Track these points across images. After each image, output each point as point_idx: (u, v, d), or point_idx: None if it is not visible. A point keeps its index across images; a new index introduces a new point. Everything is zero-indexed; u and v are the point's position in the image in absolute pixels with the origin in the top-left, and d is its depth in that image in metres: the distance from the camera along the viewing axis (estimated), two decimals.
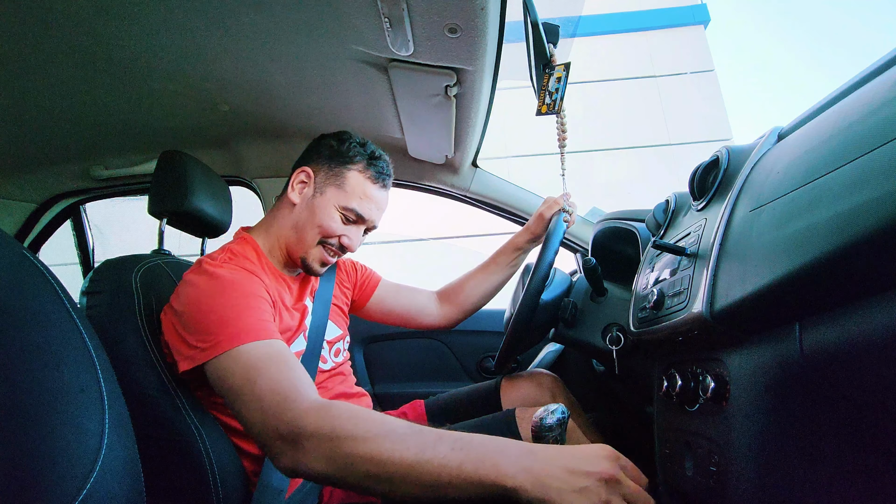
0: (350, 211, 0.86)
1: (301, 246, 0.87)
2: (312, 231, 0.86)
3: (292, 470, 0.56)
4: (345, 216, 0.87)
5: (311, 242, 0.86)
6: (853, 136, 0.39)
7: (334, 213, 0.86)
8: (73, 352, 0.54)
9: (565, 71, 0.87)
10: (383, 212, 0.93)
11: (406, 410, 1.07)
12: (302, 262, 0.88)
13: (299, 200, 0.88)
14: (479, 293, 1.13)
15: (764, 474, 0.48)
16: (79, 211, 1.65)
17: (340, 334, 0.98)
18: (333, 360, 0.93)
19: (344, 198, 0.86)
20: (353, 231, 0.88)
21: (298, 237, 0.87)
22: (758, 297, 0.45)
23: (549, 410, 0.55)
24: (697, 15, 6.87)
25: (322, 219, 0.85)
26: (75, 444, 0.46)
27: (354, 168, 0.88)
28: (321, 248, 0.87)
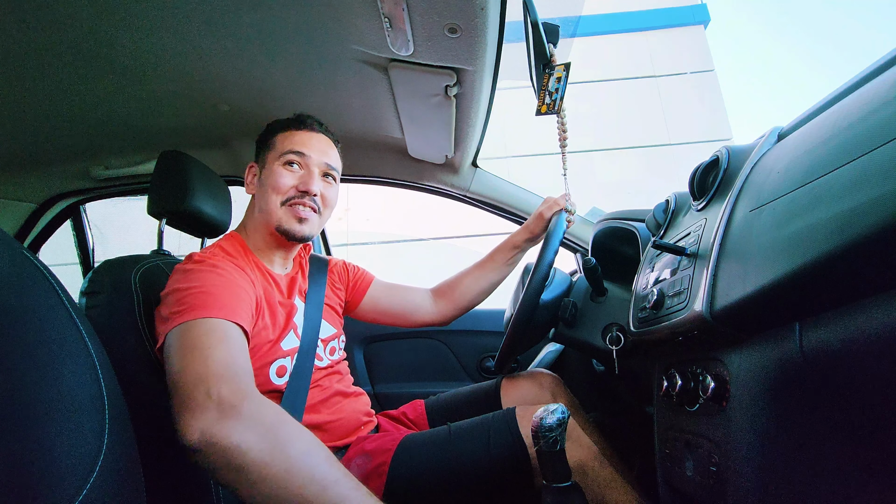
0: (286, 155, 0.89)
1: (271, 218, 0.88)
2: (270, 198, 0.88)
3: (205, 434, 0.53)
4: (285, 165, 0.89)
5: (275, 208, 0.88)
6: (853, 136, 0.39)
7: (277, 169, 0.89)
8: (73, 352, 0.54)
9: (565, 71, 0.87)
10: (326, 150, 0.94)
11: (406, 410, 1.06)
12: (279, 231, 0.88)
13: (254, 188, 0.94)
14: (476, 291, 1.13)
15: (764, 474, 0.48)
16: (79, 211, 1.65)
17: (335, 332, 0.99)
18: (329, 358, 0.94)
19: (278, 152, 0.90)
20: (305, 176, 0.89)
21: (265, 213, 0.89)
22: (758, 297, 0.45)
23: (548, 411, 0.55)
24: (697, 15, 6.87)
25: (270, 181, 0.88)
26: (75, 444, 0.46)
27: (279, 132, 0.93)
28: (286, 207, 0.88)
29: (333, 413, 0.87)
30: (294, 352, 0.85)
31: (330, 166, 0.93)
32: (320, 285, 1.00)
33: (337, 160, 0.97)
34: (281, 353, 0.82)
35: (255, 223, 0.92)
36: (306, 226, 0.89)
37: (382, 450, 0.81)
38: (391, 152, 1.38)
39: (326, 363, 0.92)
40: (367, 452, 0.82)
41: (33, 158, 1.36)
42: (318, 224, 0.93)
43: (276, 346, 0.82)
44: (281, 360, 0.82)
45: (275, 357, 0.81)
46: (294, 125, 0.93)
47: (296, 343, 0.86)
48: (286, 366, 0.83)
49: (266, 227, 0.90)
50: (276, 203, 0.88)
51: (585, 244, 1.36)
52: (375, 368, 1.59)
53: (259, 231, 0.92)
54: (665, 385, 0.65)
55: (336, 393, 0.91)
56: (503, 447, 0.76)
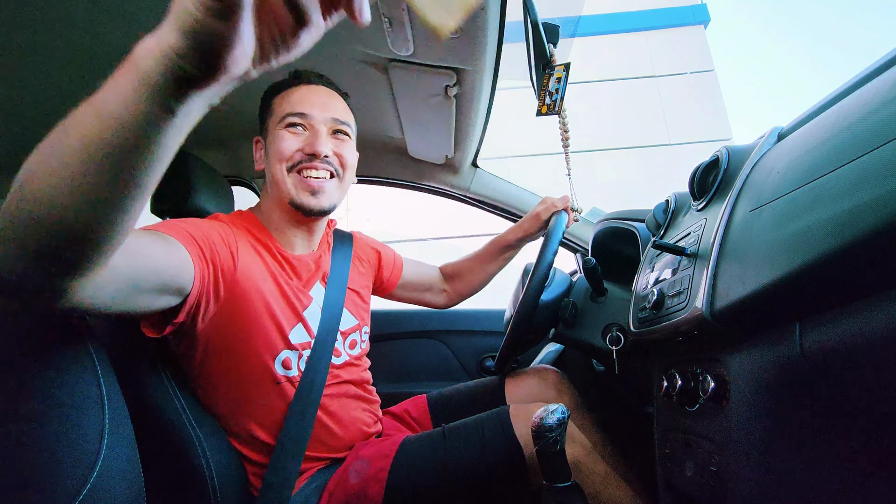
0: (287, 118, 0.80)
1: (281, 189, 0.80)
2: (276, 168, 0.80)
3: None
4: (288, 127, 0.80)
5: (283, 178, 0.79)
6: (853, 136, 0.39)
7: (278, 134, 0.80)
8: (74, 352, 0.54)
9: (565, 71, 0.87)
10: (329, 103, 0.84)
11: (408, 407, 1.06)
12: (293, 206, 0.80)
13: (263, 160, 0.85)
14: (478, 282, 1.15)
15: (764, 474, 0.48)
16: None
17: (357, 324, 0.92)
18: (348, 353, 0.88)
19: (277, 117, 0.81)
20: (310, 137, 0.80)
21: (275, 187, 0.81)
22: (758, 297, 0.45)
23: (548, 410, 0.55)
24: (697, 15, 6.87)
25: (273, 150, 0.80)
26: (76, 444, 0.46)
27: (276, 95, 0.84)
28: (294, 175, 0.80)
29: (341, 420, 0.84)
30: (305, 346, 0.80)
31: (338, 121, 0.83)
32: (344, 267, 0.92)
33: (346, 113, 0.87)
34: (289, 345, 0.78)
35: (269, 200, 0.85)
36: (323, 197, 0.81)
37: (381, 455, 0.79)
38: (391, 152, 1.38)
39: (344, 359, 0.86)
40: (366, 458, 0.80)
41: None
42: (337, 191, 0.84)
43: (283, 337, 0.77)
44: (287, 352, 0.77)
45: (281, 348, 0.77)
46: (290, 83, 0.83)
47: (306, 338, 0.81)
48: (291, 358, 0.78)
49: (279, 202, 0.82)
50: (282, 172, 0.79)
51: (585, 244, 1.36)
52: (375, 368, 1.58)
53: (274, 208, 0.83)
54: (665, 385, 0.65)
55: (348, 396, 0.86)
56: (497, 447, 0.75)
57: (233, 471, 0.75)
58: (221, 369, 0.75)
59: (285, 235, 0.84)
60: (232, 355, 0.74)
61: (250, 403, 0.76)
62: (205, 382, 0.76)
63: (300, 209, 0.80)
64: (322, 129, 0.81)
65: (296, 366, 0.78)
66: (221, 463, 0.73)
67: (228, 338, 0.73)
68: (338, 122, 0.83)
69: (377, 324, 1.57)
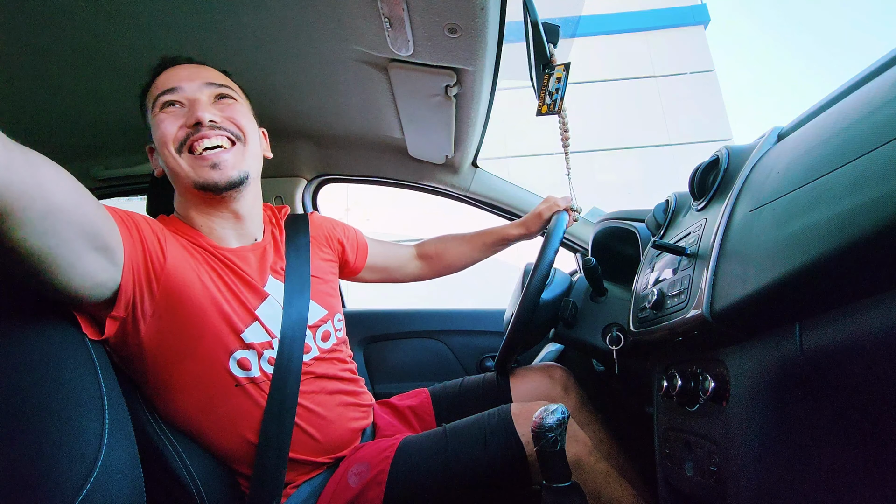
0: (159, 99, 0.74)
1: (178, 175, 0.74)
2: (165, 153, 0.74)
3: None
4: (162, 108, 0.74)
5: (176, 161, 0.73)
6: (853, 136, 0.39)
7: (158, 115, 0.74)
8: (73, 352, 0.54)
9: (565, 71, 0.87)
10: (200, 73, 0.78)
11: (410, 404, 1.03)
12: (197, 186, 0.74)
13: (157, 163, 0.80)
14: (458, 264, 1.16)
15: (764, 474, 0.48)
16: None
17: (326, 314, 0.85)
18: (320, 345, 0.82)
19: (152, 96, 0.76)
20: (188, 112, 0.74)
21: (172, 174, 0.76)
22: (758, 297, 0.45)
23: (548, 410, 0.55)
24: (697, 15, 6.86)
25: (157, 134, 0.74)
26: (75, 444, 0.46)
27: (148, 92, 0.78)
28: (186, 154, 0.73)
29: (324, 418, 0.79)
30: (265, 346, 0.74)
31: (214, 84, 0.77)
32: (302, 254, 0.85)
33: (223, 77, 0.81)
34: (243, 344, 0.72)
35: (177, 197, 0.79)
36: (227, 167, 0.73)
37: (380, 458, 0.77)
38: (391, 152, 1.38)
39: (314, 355, 0.80)
40: (365, 461, 0.78)
41: None
42: (241, 157, 0.76)
43: (235, 335, 0.71)
44: (243, 351, 0.72)
45: (234, 347, 0.71)
46: (155, 71, 0.78)
47: (265, 337, 0.74)
48: (249, 358, 0.72)
49: (186, 190, 0.76)
50: (173, 155, 0.72)
51: (585, 244, 1.36)
52: (375, 368, 1.59)
53: (186, 202, 0.77)
54: (665, 385, 0.65)
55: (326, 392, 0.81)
56: (500, 447, 0.74)
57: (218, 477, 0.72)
58: (175, 378, 0.69)
59: (212, 229, 0.78)
60: (183, 361, 0.69)
61: (215, 411, 0.71)
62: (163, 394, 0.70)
63: (206, 188, 0.73)
64: (200, 96, 0.75)
65: (256, 366, 0.72)
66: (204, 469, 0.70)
67: (174, 341, 0.68)
68: (214, 85, 0.77)
69: (377, 324, 1.58)
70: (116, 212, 0.64)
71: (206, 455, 0.72)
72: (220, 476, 0.72)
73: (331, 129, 1.26)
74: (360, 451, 0.82)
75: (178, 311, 0.68)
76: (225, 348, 0.71)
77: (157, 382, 0.70)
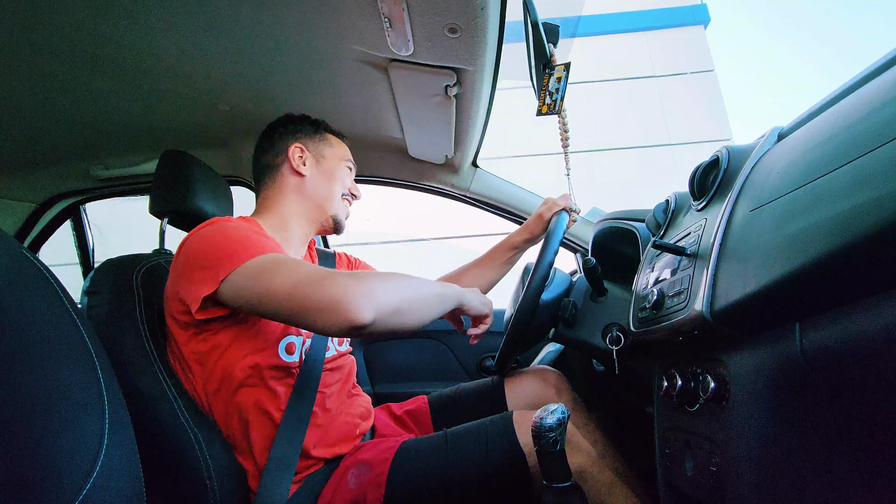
0: (347, 161, 1.02)
1: (329, 205, 0.97)
2: (335, 187, 0.97)
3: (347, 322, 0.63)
4: (348, 167, 1.02)
5: (336, 198, 0.97)
6: (853, 136, 0.39)
7: (344, 167, 1.00)
8: (73, 352, 0.54)
9: (565, 71, 0.87)
10: None
11: (408, 409, 1.05)
12: (334, 220, 0.98)
13: (308, 171, 0.96)
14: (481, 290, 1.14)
15: (764, 474, 0.48)
16: (79, 211, 1.65)
17: None
18: (337, 348, 0.94)
19: (341, 153, 1.01)
20: (352, 181, 1.03)
21: (323, 199, 0.96)
22: (758, 297, 0.45)
23: (548, 411, 0.55)
24: (697, 15, 6.86)
25: (339, 176, 0.99)
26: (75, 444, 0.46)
27: (326, 132, 1.03)
28: (343, 201, 0.99)
29: (335, 413, 0.86)
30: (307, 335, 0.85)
31: None
32: None
33: None
34: (292, 330, 0.83)
35: (295, 203, 0.95)
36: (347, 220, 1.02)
37: (380, 459, 0.79)
38: (391, 152, 1.38)
39: (332, 353, 0.91)
40: (365, 462, 0.79)
41: (33, 158, 1.36)
42: None
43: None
44: (292, 337, 0.82)
45: (286, 333, 0.81)
46: (340, 136, 1.05)
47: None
48: (296, 344, 0.82)
49: (315, 210, 0.96)
50: (338, 194, 0.97)
51: (585, 244, 1.36)
52: (375, 368, 1.59)
53: (299, 214, 0.95)
54: (665, 385, 0.65)
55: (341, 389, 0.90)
56: (501, 454, 0.75)
57: (231, 471, 0.75)
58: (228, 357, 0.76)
59: (290, 240, 0.94)
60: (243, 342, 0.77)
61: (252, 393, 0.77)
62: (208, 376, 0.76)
63: (336, 224, 0.99)
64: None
65: (298, 352, 0.83)
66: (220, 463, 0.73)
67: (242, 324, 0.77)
68: None
69: None
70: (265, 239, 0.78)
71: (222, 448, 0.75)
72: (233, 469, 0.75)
73: None
74: (360, 451, 0.83)
75: None
76: (281, 331, 0.81)
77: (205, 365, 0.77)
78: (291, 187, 0.95)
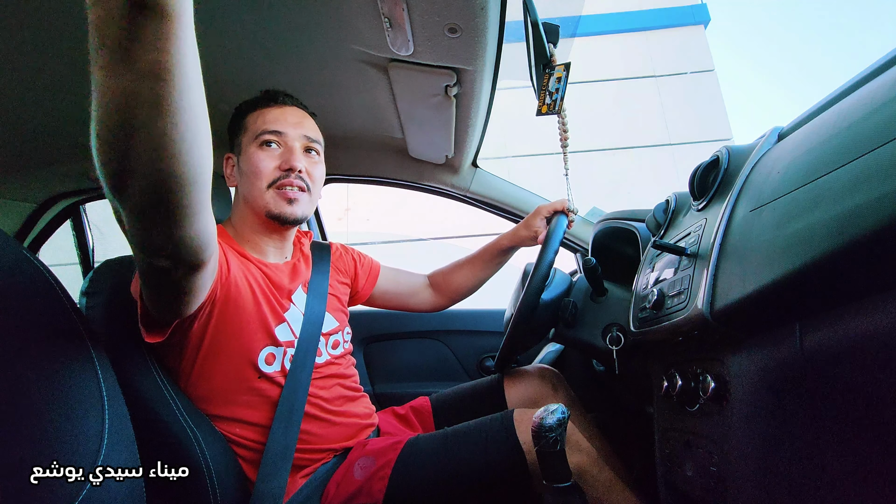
0: (261, 136, 0.84)
1: (258, 204, 0.85)
2: (255, 184, 0.84)
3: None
4: (262, 146, 0.85)
5: (261, 193, 0.84)
6: (853, 136, 0.39)
7: (254, 152, 0.85)
8: (73, 352, 0.54)
9: (565, 71, 0.87)
10: (302, 122, 0.89)
11: (412, 408, 1.06)
12: (269, 216, 0.85)
13: (236, 176, 0.90)
14: (468, 286, 1.16)
15: (764, 474, 0.48)
16: (79, 211, 1.65)
17: (337, 326, 0.95)
18: (330, 352, 0.91)
19: (252, 134, 0.86)
20: (286, 153, 0.85)
21: (251, 201, 0.86)
22: (758, 297, 0.45)
23: (549, 411, 0.55)
24: (697, 15, 6.86)
25: (250, 167, 0.84)
26: (75, 444, 0.46)
27: (249, 114, 0.89)
28: (273, 191, 0.84)
29: (333, 415, 0.86)
30: (289, 344, 0.82)
31: (310, 139, 0.89)
32: (324, 275, 0.97)
33: (316, 131, 0.92)
34: (274, 341, 0.81)
35: (241, 214, 0.89)
36: (297, 206, 0.85)
37: (386, 453, 0.81)
38: (391, 152, 1.38)
39: (325, 359, 0.89)
40: (371, 455, 0.82)
41: (33, 158, 1.35)
42: (309, 204, 0.88)
43: (268, 333, 0.80)
44: (271, 347, 0.80)
45: (266, 343, 0.80)
46: (263, 103, 0.88)
47: (290, 336, 0.83)
48: (276, 354, 0.81)
49: (255, 215, 0.87)
50: (261, 188, 0.84)
51: (585, 244, 1.36)
52: (375, 368, 1.59)
53: (247, 221, 0.88)
54: (665, 385, 0.65)
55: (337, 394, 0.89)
56: (501, 452, 0.76)
57: (231, 469, 0.75)
58: (208, 367, 0.76)
59: (258, 246, 0.89)
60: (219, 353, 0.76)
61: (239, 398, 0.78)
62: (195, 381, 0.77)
63: (277, 219, 0.85)
64: (296, 145, 0.87)
65: (279, 361, 0.81)
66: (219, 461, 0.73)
67: (216, 335, 0.76)
68: (310, 139, 0.89)
69: (378, 324, 1.58)
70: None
71: (221, 446, 0.76)
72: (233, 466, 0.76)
73: (331, 129, 1.26)
74: (368, 445, 0.86)
75: (228, 311, 0.76)
76: (258, 343, 0.79)
77: (190, 371, 0.76)
78: (235, 199, 0.92)
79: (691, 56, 6.66)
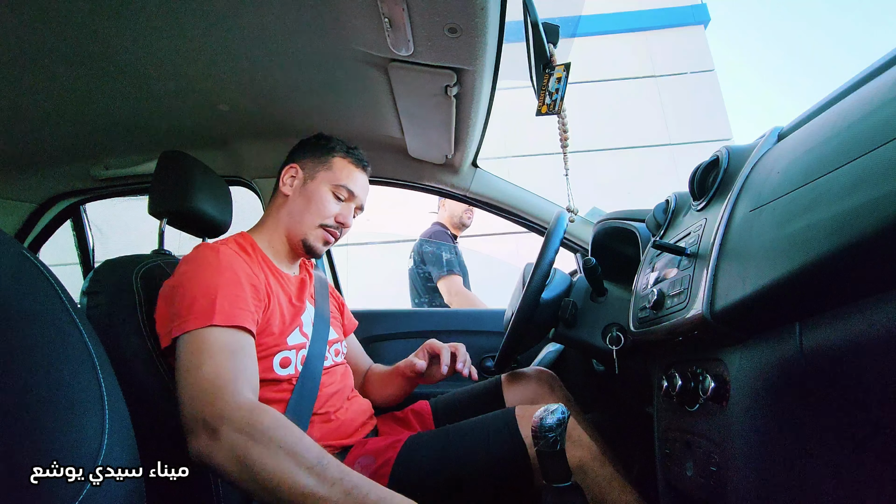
0: (341, 188, 0.95)
1: (301, 229, 0.94)
2: (310, 215, 0.94)
3: (199, 456, 0.60)
4: (336, 194, 0.95)
5: (311, 225, 0.94)
6: (853, 136, 0.39)
7: (327, 193, 0.95)
8: (73, 352, 0.54)
9: (565, 71, 0.86)
10: (366, 191, 1.02)
11: (411, 410, 1.07)
12: (303, 244, 0.94)
13: (291, 192, 0.96)
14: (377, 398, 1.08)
15: (764, 474, 0.48)
16: (79, 211, 1.65)
17: (338, 337, 1.02)
18: (334, 359, 0.96)
19: (334, 178, 0.96)
20: (346, 208, 0.97)
21: (297, 222, 0.94)
22: (758, 297, 0.45)
23: (548, 411, 0.55)
24: (697, 15, 6.86)
25: (317, 201, 0.94)
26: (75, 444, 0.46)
27: (337, 154, 0.98)
28: (320, 230, 0.94)
29: (338, 411, 0.89)
30: (300, 347, 0.86)
31: (363, 207, 1.01)
32: (325, 299, 1.04)
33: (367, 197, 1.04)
34: (286, 346, 0.83)
35: (279, 223, 0.96)
36: (326, 247, 0.98)
37: (385, 451, 0.82)
38: (391, 152, 1.38)
39: (330, 363, 0.94)
40: (371, 453, 0.83)
41: (33, 158, 1.36)
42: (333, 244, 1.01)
43: (281, 338, 0.83)
44: (286, 352, 0.83)
45: (280, 349, 0.82)
46: (355, 160, 0.99)
47: (301, 339, 0.87)
48: (290, 358, 0.84)
49: (292, 234, 0.95)
50: (314, 222, 0.94)
51: (585, 244, 1.36)
52: None
53: (279, 232, 0.96)
54: (665, 385, 0.65)
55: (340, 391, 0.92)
56: (503, 448, 0.76)
57: None
58: None
59: (281, 259, 0.97)
60: None
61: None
62: None
63: (308, 250, 0.95)
64: (353, 207, 0.99)
65: (294, 364, 0.84)
66: None
67: None
68: (363, 207, 1.02)
69: (378, 324, 1.58)
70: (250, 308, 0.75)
71: None
72: None
73: (331, 129, 1.26)
74: (368, 444, 0.87)
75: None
76: (276, 345, 0.82)
77: None
78: (277, 206, 0.97)
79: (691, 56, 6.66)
